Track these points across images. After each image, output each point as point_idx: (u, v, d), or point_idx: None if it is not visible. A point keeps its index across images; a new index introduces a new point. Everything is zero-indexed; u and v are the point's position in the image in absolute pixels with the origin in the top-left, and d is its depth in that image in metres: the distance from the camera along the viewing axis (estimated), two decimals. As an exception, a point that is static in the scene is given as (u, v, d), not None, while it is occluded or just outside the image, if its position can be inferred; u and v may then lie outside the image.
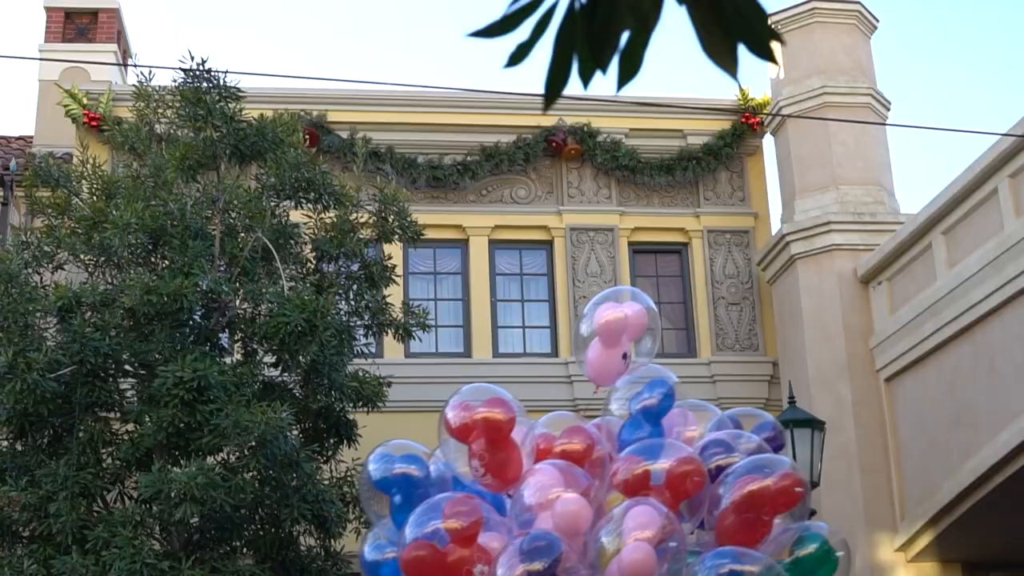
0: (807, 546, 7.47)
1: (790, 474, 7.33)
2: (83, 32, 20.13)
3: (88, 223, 13.08)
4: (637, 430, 7.66)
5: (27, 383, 11.65)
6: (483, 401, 7.55)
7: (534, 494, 7.10)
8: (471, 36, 2.67)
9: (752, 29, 2.58)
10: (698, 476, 7.18)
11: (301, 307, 12.10)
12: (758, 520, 7.21)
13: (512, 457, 7.40)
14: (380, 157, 17.83)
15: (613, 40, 2.63)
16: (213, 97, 12.98)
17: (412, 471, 7.66)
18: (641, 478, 7.16)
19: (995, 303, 13.91)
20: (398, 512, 7.56)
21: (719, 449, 7.61)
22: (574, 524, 6.97)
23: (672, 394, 7.79)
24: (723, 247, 18.63)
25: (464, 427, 7.43)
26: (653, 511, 6.85)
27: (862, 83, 17.85)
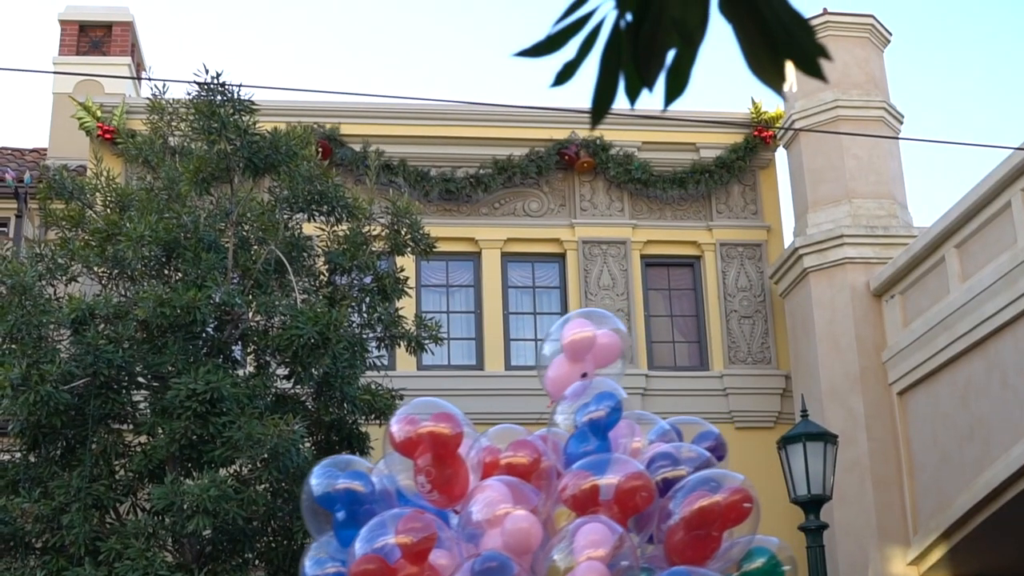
0: (755, 560, 7.48)
1: (739, 489, 7.32)
2: (97, 45, 20.21)
3: (102, 235, 13.11)
4: (583, 443, 7.60)
5: (40, 395, 11.67)
6: (430, 415, 7.45)
7: (482, 510, 7.03)
8: (517, 55, 2.67)
9: (799, 46, 2.57)
10: (646, 491, 7.15)
11: (314, 320, 12.12)
12: (708, 536, 7.20)
13: (459, 473, 7.32)
14: (393, 170, 17.86)
15: (659, 57, 2.62)
16: (227, 110, 13.01)
17: (356, 486, 7.53)
18: (589, 493, 7.11)
19: (1008, 317, 13.89)
20: (341, 528, 7.46)
21: (665, 462, 7.59)
22: (524, 542, 6.91)
23: (620, 408, 7.72)
24: (736, 260, 18.62)
25: (409, 441, 7.34)
26: (604, 529, 6.81)
27: (875, 96, 17.84)
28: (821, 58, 2.60)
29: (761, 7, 2.53)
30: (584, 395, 7.85)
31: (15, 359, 11.90)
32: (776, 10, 2.53)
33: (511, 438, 7.55)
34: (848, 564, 15.86)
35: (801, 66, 2.62)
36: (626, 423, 7.84)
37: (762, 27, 2.54)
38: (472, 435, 7.56)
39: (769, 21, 2.54)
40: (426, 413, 7.48)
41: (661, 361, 18.26)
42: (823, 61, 2.60)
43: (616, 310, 18.00)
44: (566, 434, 7.73)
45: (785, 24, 2.55)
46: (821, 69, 2.60)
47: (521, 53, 2.68)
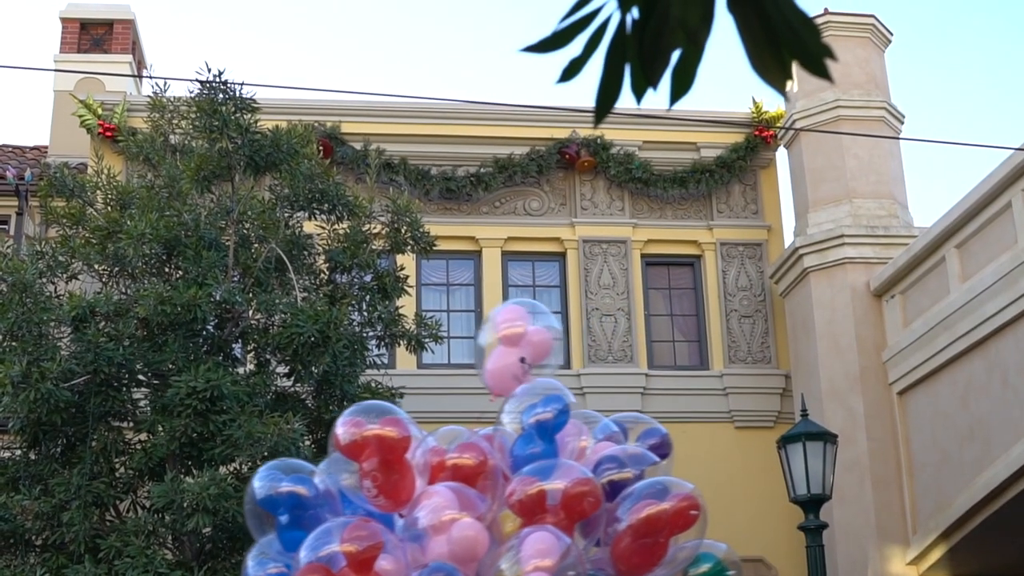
0: (701, 565, 7.50)
1: (686, 497, 7.34)
2: (98, 43, 20.21)
3: (102, 233, 13.12)
4: (530, 444, 7.57)
5: (41, 392, 11.67)
6: (377, 419, 7.41)
7: (428, 516, 7.00)
8: (524, 51, 2.68)
9: (804, 45, 2.57)
10: (593, 496, 7.14)
11: (314, 318, 12.13)
12: (655, 543, 7.20)
13: (405, 477, 7.27)
14: (394, 168, 17.86)
15: (664, 56, 2.63)
16: (229, 108, 13.02)
17: (299, 490, 7.48)
18: (536, 498, 7.08)
19: (1008, 317, 13.89)
20: (284, 531, 7.43)
21: (612, 465, 7.57)
22: (471, 550, 6.88)
23: (567, 411, 7.69)
24: (736, 260, 18.62)
25: (355, 444, 7.29)
26: (552, 537, 6.79)
27: (876, 96, 17.84)
28: (827, 58, 2.60)
29: (767, 6, 2.54)
30: (531, 396, 7.80)
31: (15, 356, 11.90)
32: (782, 9, 2.54)
33: (457, 439, 7.50)
34: (847, 564, 15.87)
35: (807, 66, 2.62)
36: (573, 423, 7.81)
37: (767, 26, 2.55)
38: (419, 438, 7.51)
39: (774, 20, 2.54)
40: (373, 416, 7.42)
41: (661, 360, 18.27)
42: (828, 61, 2.60)
43: (616, 309, 18.03)
44: (513, 434, 7.69)
45: (791, 24, 2.55)
46: (827, 69, 2.60)
47: (528, 49, 2.69)
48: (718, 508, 17.33)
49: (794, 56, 2.59)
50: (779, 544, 17.12)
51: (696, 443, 17.65)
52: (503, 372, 7.99)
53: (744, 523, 17.33)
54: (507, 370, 7.97)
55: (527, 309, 8.17)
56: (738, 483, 17.44)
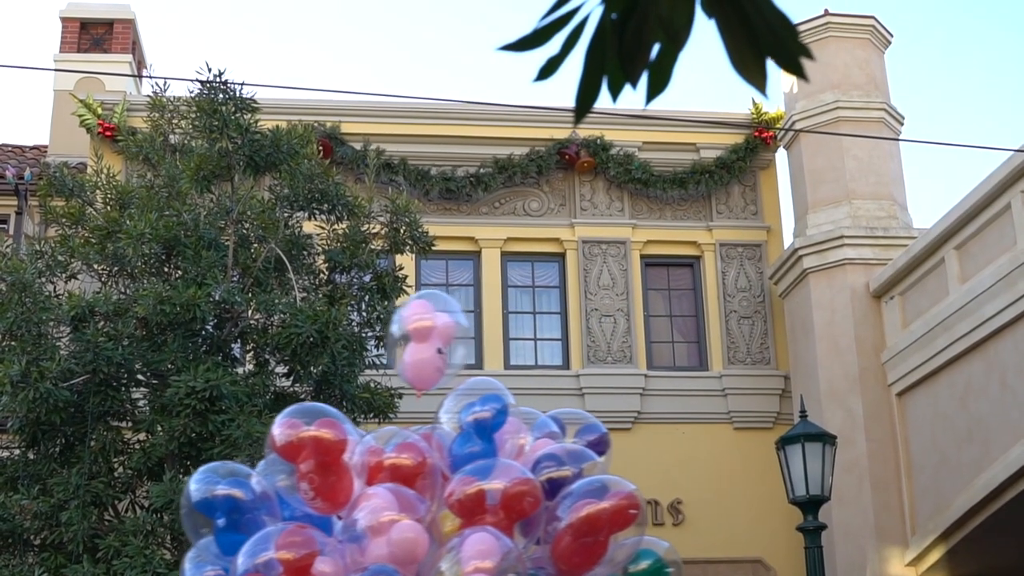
0: (640, 562, 7.52)
1: (626, 495, 7.33)
2: (98, 42, 20.22)
3: (102, 233, 13.12)
4: (468, 443, 7.56)
5: (40, 392, 11.68)
6: (313, 420, 7.39)
7: (367, 518, 6.98)
8: (502, 49, 2.68)
9: (782, 44, 2.58)
10: (533, 496, 7.13)
11: (313, 318, 12.13)
12: (595, 542, 7.21)
13: (342, 479, 7.25)
14: (393, 169, 17.87)
15: (644, 54, 2.63)
16: (228, 108, 13.02)
17: (236, 493, 7.45)
18: (476, 499, 7.06)
19: (1008, 318, 13.90)
20: (221, 534, 7.40)
21: (551, 463, 7.56)
22: (411, 551, 6.85)
23: (506, 410, 7.68)
24: (735, 260, 18.63)
25: (291, 446, 7.27)
26: (492, 538, 6.78)
27: (876, 98, 17.85)
28: (804, 58, 2.61)
29: (745, 6, 2.55)
30: (469, 395, 7.80)
31: (15, 356, 11.90)
32: (760, 9, 2.55)
33: (395, 439, 7.48)
34: (846, 565, 15.88)
35: (784, 65, 2.63)
36: (511, 420, 7.80)
37: (746, 25, 2.56)
38: (357, 439, 7.49)
39: (753, 20, 2.55)
40: (309, 417, 7.40)
41: (660, 361, 18.27)
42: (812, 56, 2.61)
43: (616, 310, 18.03)
44: (451, 433, 7.69)
45: (769, 23, 2.56)
46: (803, 68, 2.62)
47: (506, 47, 2.69)
48: (717, 509, 17.41)
49: (771, 55, 2.60)
50: (778, 545, 17.13)
51: (695, 444, 17.67)
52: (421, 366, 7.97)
53: (743, 524, 17.35)
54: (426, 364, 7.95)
55: (432, 302, 8.15)
56: (737, 484, 17.46)
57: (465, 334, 8.16)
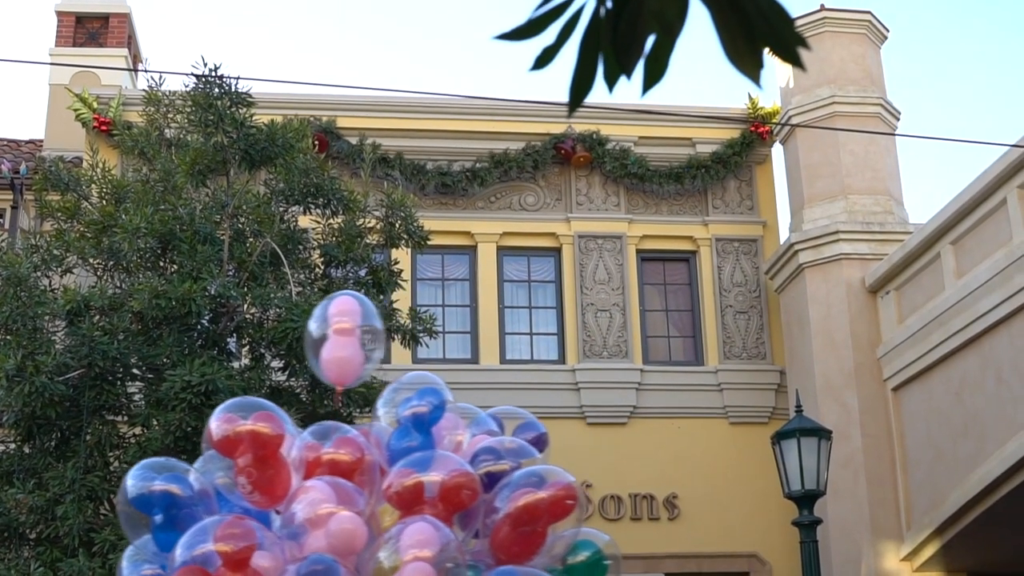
0: (579, 554, 7.52)
1: (564, 486, 7.33)
2: (94, 36, 20.20)
3: (97, 227, 13.11)
4: (406, 438, 7.55)
5: (35, 386, 11.66)
6: (251, 414, 7.38)
7: (305, 510, 6.96)
8: (498, 39, 2.68)
9: (778, 34, 2.58)
10: (471, 488, 7.13)
11: (309, 312, 12.07)
12: (533, 532, 7.22)
13: (280, 473, 7.23)
14: (389, 163, 17.86)
15: (638, 45, 2.63)
16: (224, 103, 13.00)
17: (173, 489, 7.40)
18: (414, 491, 7.06)
19: (1003, 313, 13.91)
20: (159, 531, 7.35)
21: (489, 456, 7.56)
22: (349, 543, 6.84)
23: (443, 405, 7.68)
24: (731, 255, 18.63)
25: (228, 440, 7.25)
26: (431, 528, 6.78)
27: (872, 93, 17.85)
28: (800, 47, 2.61)
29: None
30: (407, 389, 7.80)
31: (10, 350, 11.89)
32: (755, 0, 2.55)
33: (333, 434, 7.48)
34: (841, 559, 15.90)
35: (780, 54, 2.63)
36: (450, 417, 7.80)
37: (741, 15, 2.55)
38: (294, 434, 7.48)
39: (748, 9, 2.55)
40: (247, 411, 7.39)
41: (656, 356, 18.29)
42: (809, 50, 2.61)
43: (611, 304, 18.04)
44: (389, 429, 7.69)
45: (764, 12, 2.56)
46: (800, 57, 2.61)
47: (501, 36, 2.69)
48: (712, 503, 17.43)
49: (768, 45, 2.59)
50: (773, 540, 17.16)
51: (691, 439, 17.69)
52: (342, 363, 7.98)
53: (738, 518, 17.37)
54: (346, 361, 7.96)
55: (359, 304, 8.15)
56: (733, 479, 17.48)
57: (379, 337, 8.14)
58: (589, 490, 17.27)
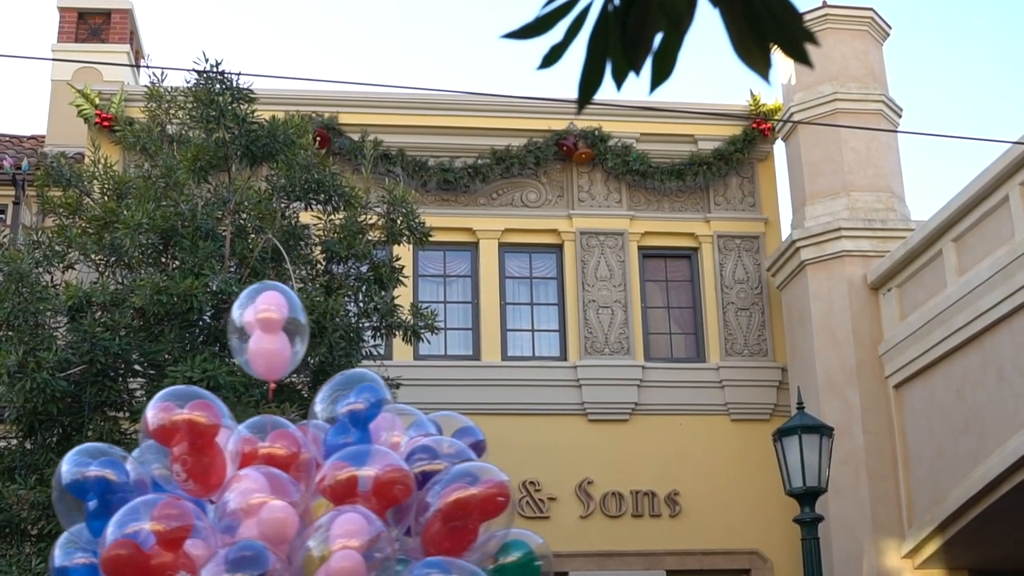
0: (511, 553, 7.49)
1: (497, 484, 7.31)
2: (96, 32, 20.19)
3: (99, 223, 13.11)
4: (343, 434, 7.55)
5: (37, 382, 11.67)
6: (187, 403, 7.37)
7: (237, 499, 6.95)
8: (505, 37, 2.68)
9: (786, 30, 2.57)
10: (404, 483, 7.11)
11: (310, 308, 12.11)
12: (464, 528, 7.20)
13: (215, 462, 7.23)
14: (391, 159, 17.85)
15: (647, 42, 2.63)
16: (225, 99, 13.00)
17: (109, 475, 7.37)
18: (347, 484, 7.04)
19: (1005, 311, 13.90)
20: (93, 518, 7.31)
21: (424, 455, 7.55)
22: (280, 531, 6.83)
23: (380, 402, 7.67)
24: (733, 252, 18.62)
25: (164, 429, 7.25)
26: (361, 518, 6.76)
27: (874, 89, 17.84)
28: (808, 43, 2.60)
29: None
30: (344, 387, 7.79)
31: (12, 346, 11.90)
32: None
33: (270, 428, 7.47)
34: (843, 556, 15.89)
35: (787, 51, 2.62)
36: (387, 416, 7.78)
37: (749, 11, 2.55)
38: (232, 426, 7.48)
39: (756, 6, 2.54)
40: (184, 400, 7.38)
41: (657, 353, 18.28)
42: (811, 47, 2.60)
43: (613, 301, 18.03)
44: (326, 426, 7.68)
45: (772, 9, 2.55)
46: (807, 54, 2.61)
47: (509, 35, 2.68)
48: (714, 500, 17.43)
49: (775, 41, 2.59)
50: (775, 537, 17.16)
51: (692, 436, 17.69)
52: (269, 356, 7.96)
53: (740, 515, 17.37)
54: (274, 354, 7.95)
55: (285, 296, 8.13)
56: (734, 476, 17.48)
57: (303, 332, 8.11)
58: (590, 487, 17.28)
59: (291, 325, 7.99)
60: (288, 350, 7.96)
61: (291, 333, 7.98)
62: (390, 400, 7.86)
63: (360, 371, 8.22)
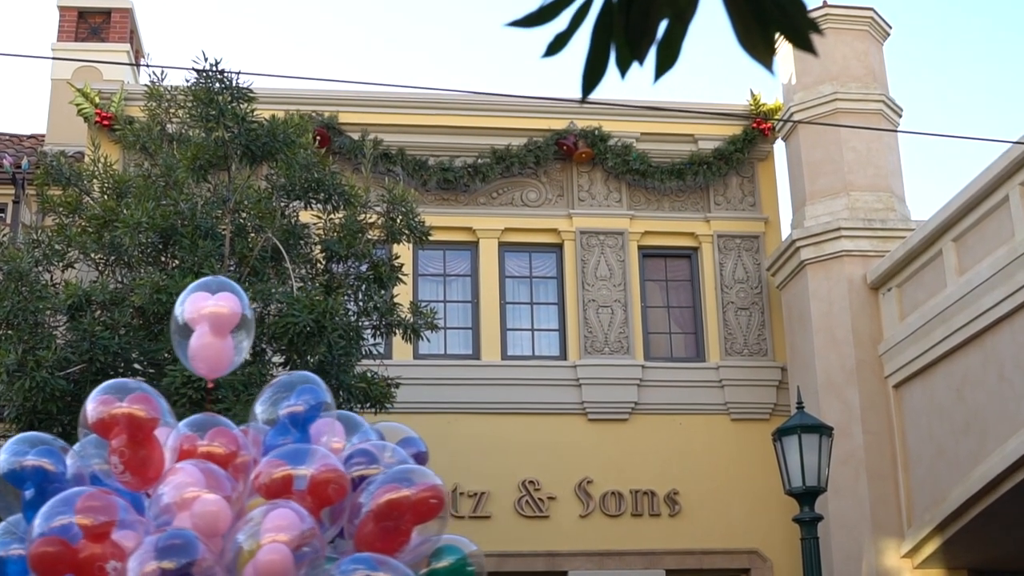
0: (444, 559, 7.46)
1: (431, 486, 7.30)
2: (96, 31, 20.20)
3: (99, 222, 13.10)
4: (283, 435, 7.54)
5: (36, 381, 11.67)
6: (126, 397, 7.36)
7: (171, 492, 6.95)
8: (509, 25, 2.67)
9: (790, 20, 2.57)
10: (339, 484, 7.11)
11: (310, 307, 12.11)
12: (397, 529, 7.18)
13: (153, 455, 7.24)
14: (391, 159, 17.85)
15: (651, 31, 2.62)
16: (225, 98, 13.00)
17: (46, 464, 7.37)
18: (282, 482, 7.04)
19: (1005, 311, 13.90)
20: (29, 507, 7.28)
21: (363, 459, 7.54)
22: (212, 524, 6.82)
23: (320, 405, 7.67)
24: (733, 252, 18.61)
25: (103, 422, 7.26)
26: (293, 514, 6.76)
27: (874, 89, 17.83)
28: (812, 32, 2.60)
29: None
30: (285, 389, 7.78)
31: (11, 345, 11.89)
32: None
33: (210, 426, 7.46)
34: (842, 556, 15.89)
35: (792, 40, 2.61)
36: (328, 421, 7.77)
37: (754, 1, 2.54)
38: (172, 423, 7.49)
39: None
40: (123, 394, 7.38)
41: (657, 352, 18.27)
42: (822, 46, 2.59)
43: (613, 300, 18.03)
44: (267, 428, 7.67)
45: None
46: (812, 43, 2.60)
47: (514, 23, 2.68)
48: (713, 500, 17.43)
49: (781, 31, 2.58)
50: (774, 536, 17.16)
51: (692, 435, 17.68)
52: (217, 354, 7.96)
53: (739, 515, 17.37)
54: (220, 352, 7.94)
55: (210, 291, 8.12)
56: (733, 475, 17.48)
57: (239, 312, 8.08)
58: (590, 486, 17.28)
59: (242, 323, 8.00)
60: (231, 349, 7.97)
61: (239, 331, 7.99)
62: (331, 403, 7.85)
63: (302, 374, 8.21)
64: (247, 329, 8.05)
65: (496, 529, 16.86)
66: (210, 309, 7.91)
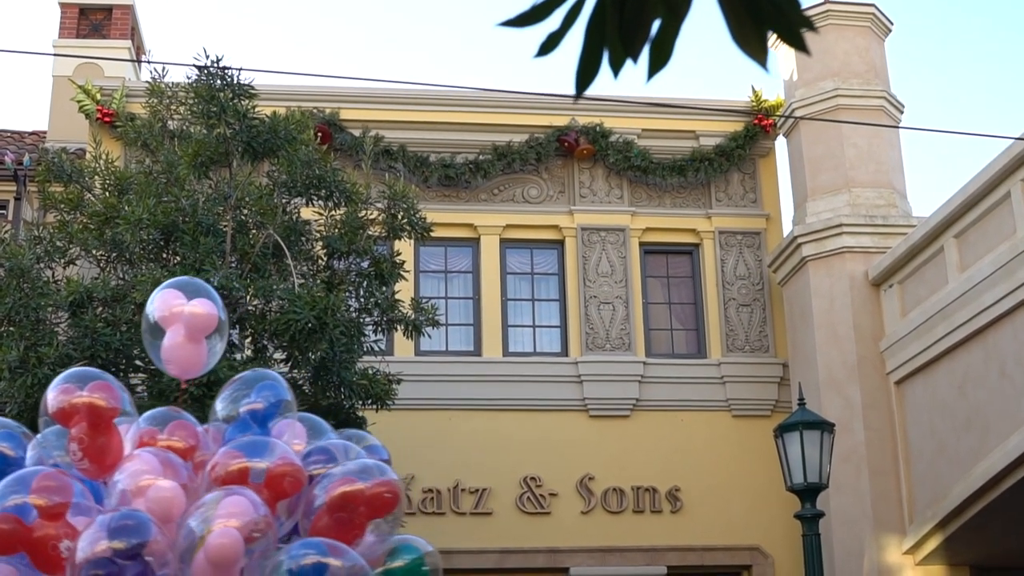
0: (400, 558, 7.45)
1: (386, 481, 7.30)
2: (97, 28, 20.19)
3: (100, 219, 13.11)
4: (243, 431, 7.55)
5: (38, 377, 11.67)
6: (87, 385, 7.38)
7: (127, 480, 6.95)
8: (502, 25, 2.66)
9: (784, 17, 2.56)
10: (296, 477, 7.13)
11: (311, 304, 12.11)
12: (351, 522, 7.18)
13: (112, 443, 7.26)
14: (392, 155, 17.85)
15: (644, 29, 2.62)
16: (227, 94, 13.00)
17: (5, 449, 7.42)
18: (239, 474, 7.04)
19: (1007, 307, 13.89)
20: None
21: (322, 456, 7.54)
22: (167, 510, 6.82)
23: (281, 402, 7.68)
24: (734, 248, 18.61)
25: (63, 411, 7.28)
26: (247, 502, 6.77)
27: (875, 86, 17.82)
28: (806, 29, 2.59)
29: None
30: (245, 387, 7.78)
31: (13, 341, 11.91)
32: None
33: (170, 420, 7.47)
34: (843, 553, 15.89)
35: (785, 38, 2.61)
36: (289, 423, 7.77)
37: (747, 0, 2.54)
38: (132, 413, 7.50)
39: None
40: (84, 382, 7.39)
41: (659, 349, 18.27)
42: (812, 43, 2.59)
43: (614, 297, 18.02)
44: (227, 426, 7.68)
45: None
46: (804, 41, 2.60)
47: (506, 23, 2.68)
48: (715, 496, 17.43)
49: (773, 28, 2.58)
50: (775, 532, 17.16)
51: (693, 432, 17.68)
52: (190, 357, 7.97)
53: (741, 511, 17.37)
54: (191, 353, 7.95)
55: (184, 290, 8.12)
56: (735, 472, 17.47)
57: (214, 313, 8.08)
58: (591, 482, 17.28)
59: (218, 327, 8.02)
60: (203, 349, 7.99)
61: (214, 335, 8.01)
62: (292, 401, 7.86)
63: (263, 371, 8.21)
64: (221, 332, 8.06)
65: (497, 525, 16.88)
66: (187, 313, 7.92)
